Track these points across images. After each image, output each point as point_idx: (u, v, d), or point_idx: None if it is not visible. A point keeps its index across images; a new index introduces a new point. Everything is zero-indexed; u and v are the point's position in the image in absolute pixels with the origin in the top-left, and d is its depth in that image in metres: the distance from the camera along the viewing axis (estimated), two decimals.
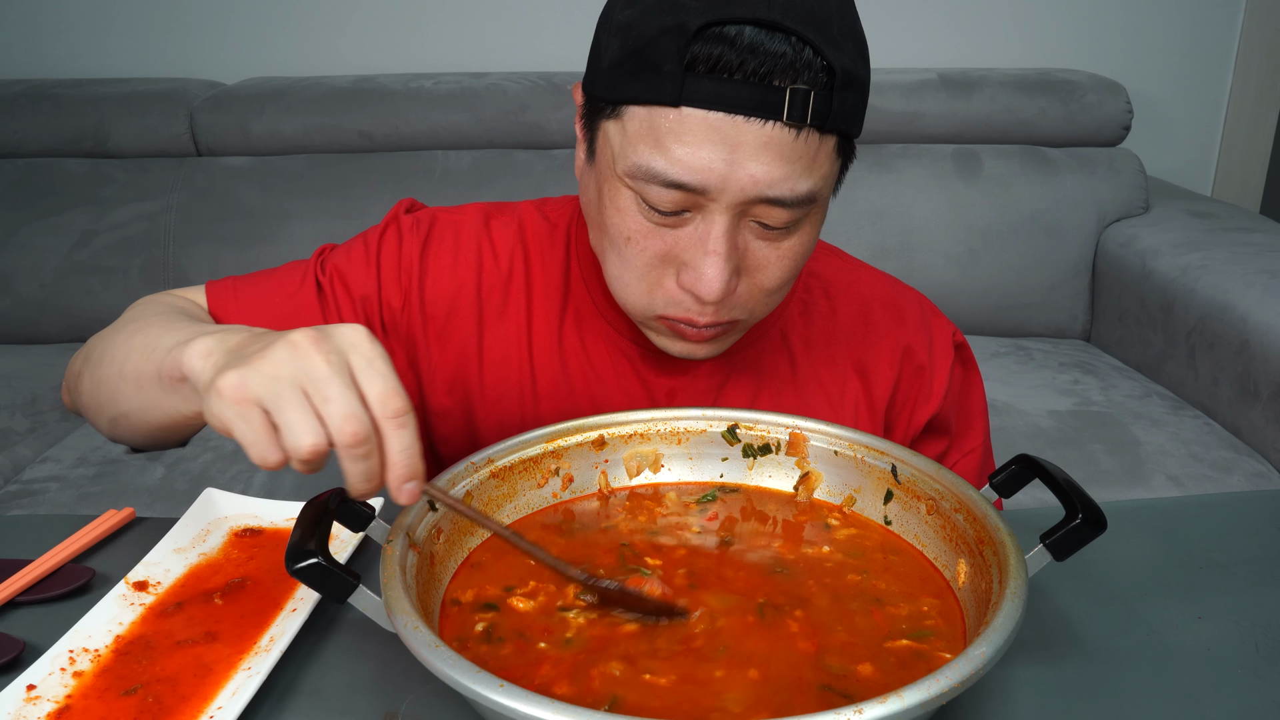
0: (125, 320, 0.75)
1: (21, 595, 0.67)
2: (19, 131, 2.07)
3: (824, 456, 0.70)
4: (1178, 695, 0.57)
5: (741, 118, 0.61)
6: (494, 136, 2.07)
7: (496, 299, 0.83)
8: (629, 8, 0.65)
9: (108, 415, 0.73)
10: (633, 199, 0.67)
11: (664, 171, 0.63)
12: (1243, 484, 1.48)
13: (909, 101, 2.06)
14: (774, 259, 0.69)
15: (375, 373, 0.51)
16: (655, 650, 0.54)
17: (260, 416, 0.50)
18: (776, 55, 0.60)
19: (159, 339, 0.65)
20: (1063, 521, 0.55)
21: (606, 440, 0.71)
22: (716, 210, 0.65)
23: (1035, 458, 0.61)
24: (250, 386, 0.50)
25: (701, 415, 0.72)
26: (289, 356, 0.51)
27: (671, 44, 0.61)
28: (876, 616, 0.57)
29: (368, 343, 0.52)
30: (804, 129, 0.62)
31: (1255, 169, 2.43)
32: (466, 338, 0.82)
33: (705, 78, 0.61)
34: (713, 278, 0.66)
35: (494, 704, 0.43)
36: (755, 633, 0.55)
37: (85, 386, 0.75)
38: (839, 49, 0.62)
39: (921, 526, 0.64)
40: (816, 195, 0.66)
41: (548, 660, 0.53)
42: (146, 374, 0.64)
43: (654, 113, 0.63)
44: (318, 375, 0.50)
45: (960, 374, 0.87)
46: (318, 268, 0.83)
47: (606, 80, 0.66)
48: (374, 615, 0.52)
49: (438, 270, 0.83)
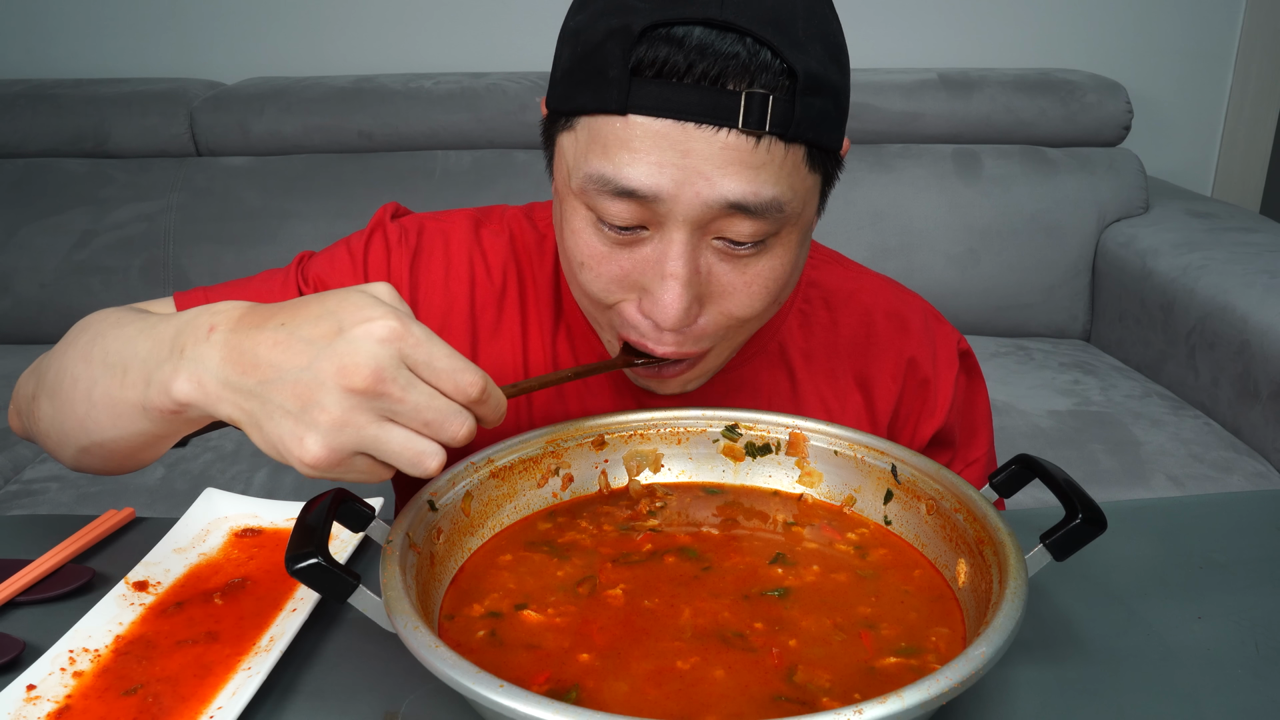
0: (75, 335, 0.66)
1: (21, 595, 0.66)
2: (19, 131, 2.07)
3: (824, 456, 0.70)
4: (1178, 695, 0.57)
5: (692, 125, 0.57)
6: (494, 136, 2.07)
7: (490, 315, 0.80)
8: (580, 13, 0.62)
9: (76, 445, 0.64)
10: (588, 219, 0.63)
11: (613, 178, 0.59)
12: (1243, 484, 1.48)
13: (909, 101, 2.06)
14: (741, 285, 0.63)
15: (440, 370, 0.49)
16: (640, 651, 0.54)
17: (365, 460, 0.49)
18: (728, 56, 0.56)
19: (124, 352, 0.58)
20: (1063, 521, 0.54)
21: (606, 440, 0.71)
22: (673, 227, 0.60)
23: (1035, 458, 0.61)
24: (340, 448, 0.48)
25: (701, 415, 0.72)
26: (358, 403, 0.48)
27: (616, 47, 0.57)
28: (865, 639, 0.56)
29: (410, 337, 0.49)
30: (764, 136, 0.58)
31: (1255, 169, 2.43)
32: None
33: (652, 82, 0.57)
34: (669, 303, 0.61)
35: (494, 704, 0.43)
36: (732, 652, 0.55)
37: (43, 414, 0.66)
38: (803, 50, 0.57)
39: (921, 526, 0.64)
40: (784, 206, 0.60)
41: (549, 661, 0.54)
42: (124, 403, 0.57)
43: (602, 121, 0.59)
44: (403, 409, 0.48)
45: (965, 383, 0.85)
46: (299, 276, 0.78)
47: (560, 90, 0.63)
48: (374, 615, 0.52)
49: (429, 285, 0.79)
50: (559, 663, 0.53)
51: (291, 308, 0.52)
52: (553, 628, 0.56)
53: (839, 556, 0.63)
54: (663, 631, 0.56)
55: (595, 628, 0.56)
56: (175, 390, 0.52)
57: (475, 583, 0.60)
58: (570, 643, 0.55)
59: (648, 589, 0.59)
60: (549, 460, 0.68)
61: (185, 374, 0.52)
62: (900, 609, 0.58)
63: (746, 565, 0.62)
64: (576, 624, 0.56)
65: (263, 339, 0.50)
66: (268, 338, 0.50)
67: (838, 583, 0.61)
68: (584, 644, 0.55)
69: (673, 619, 0.57)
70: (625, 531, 0.66)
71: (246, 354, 0.50)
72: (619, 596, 0.58)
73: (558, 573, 0.61)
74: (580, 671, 0.52)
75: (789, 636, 0.55)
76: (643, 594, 0.59)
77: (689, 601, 0.58)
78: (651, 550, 0.64)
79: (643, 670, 0.52)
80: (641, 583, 0.60)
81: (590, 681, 0.51)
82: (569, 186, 0.64)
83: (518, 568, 0.62)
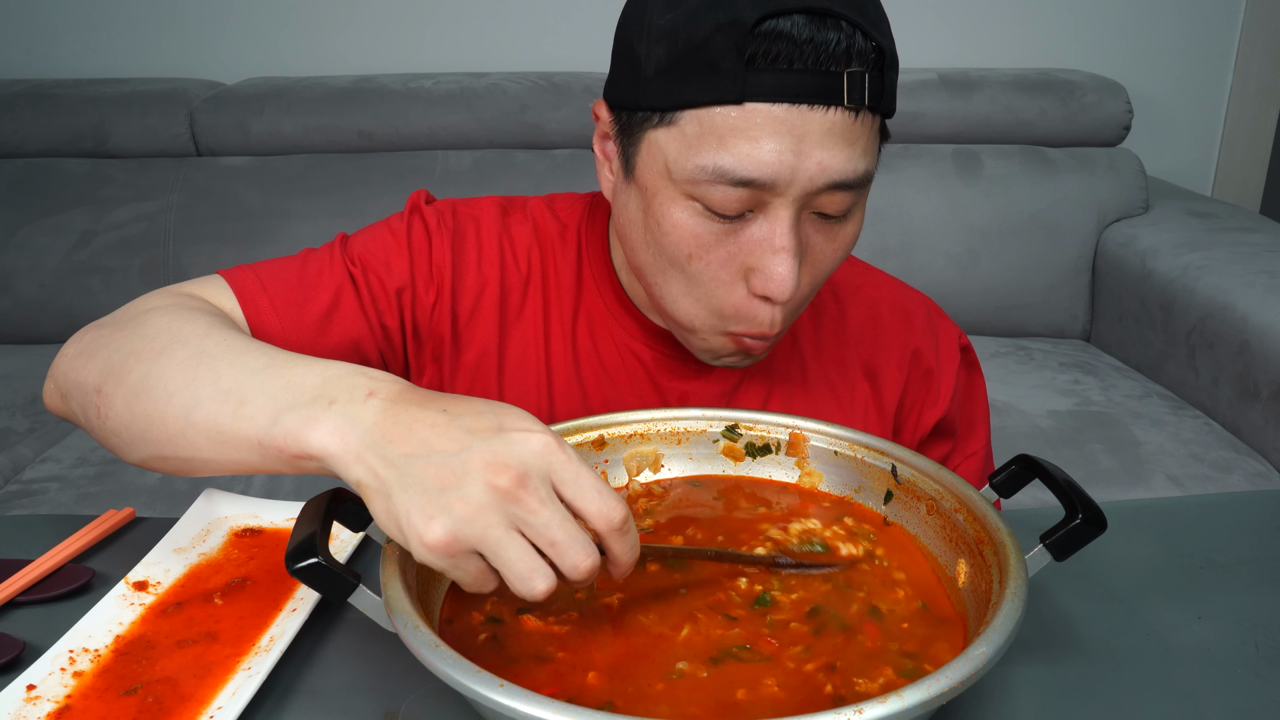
0: (157, 332, 0.63)
1: (21, 595, 0.66)
2: (19, 131, 2.07)
3: (824, 456, 0.70)
4: (1178, 695, 0.57)
5: (805, 106, 0.61)
6: (494, 136, 2.07)
7: (516, 298, 0.82)
8: (670, 11, 0.64)
9: (153, 453, 0.61)
10: (691, 210, 0.66)
11: (732, 169, 0.62)
12: (1243, 484, 1.48)
13: (909, 101, 2.06)
14: (829, 250, 0.69)
15: (586, 489, 0.49)
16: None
17: (478, 562, 0.49)
18: (832, 42, 0.61)
19: (245, 384, 0.56)
20: (1063, 521, 0.54)
21: (607, 440, 0.71)
22: (781, 205, 0.64)
23: (1035, 458, 0.61)
24: (463, 540, 0.48)
25: (701, 415, 0.72)
26: (495, 501, 0.48)
27: (728, 40, 0.61)
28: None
29: (563, 455, 0.49)
30: (861, 111, 0.63)
31: (1255, 169, 2.43)
32: (488, 337, 0.81)
33: (767, 71, 0.61)
34: (784, 275, 0.65)
35: (494, 704, 0.43)
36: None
37: (115, 412, 0.62)
38: (880, 30, 0.63)
39: (921, 526, 0.64)
40: (872, 176, 0.67)
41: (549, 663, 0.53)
42: (234, 433, 0.56)
43: (716, 113, 0.62)
44: (535, 521, 0.48)
45: (965, 377, 0.87)
46: (347, 259, 0.79)
47: (655, 88, 0.65)
48: (374, 615, 0.52)
49: (464, 268, 0.81)
50: (567, 679, 0.52)
51: (455, 399, 0.53)
52: (553, 637, 0.56)
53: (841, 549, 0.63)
54: (667, 645, 0.55)
55: (596, 645, 0.55)
56: (312, 439, 0.52)
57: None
58: (576, 658, 0.54)
59: (643, 598, 0.59)
60: None
61: (330, 426, 0.52)
62: (902, 609, 0.58)
63: (738, 572, 0.61)
64: (580, 632, 0.56)
65: (422, 417, 0.51)
66: (427, 418, 0.51)
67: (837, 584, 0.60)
68: (589, 661, 0.54)
69: (674, 634, 0.56)
70: None
71: (402, 426, 0.50)
72: (614, 606, 0.58)
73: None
74: (589, 688, 0.52)
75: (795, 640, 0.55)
76: (639, 609, 0.58)
77: (686, 614, 0.57)
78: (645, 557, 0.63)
79: (653, 686, 0.52)
80: (638, 590, 0.59)
81: (617, 700, 0.51)
82: (667, 180, 0.66)
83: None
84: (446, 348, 0.81)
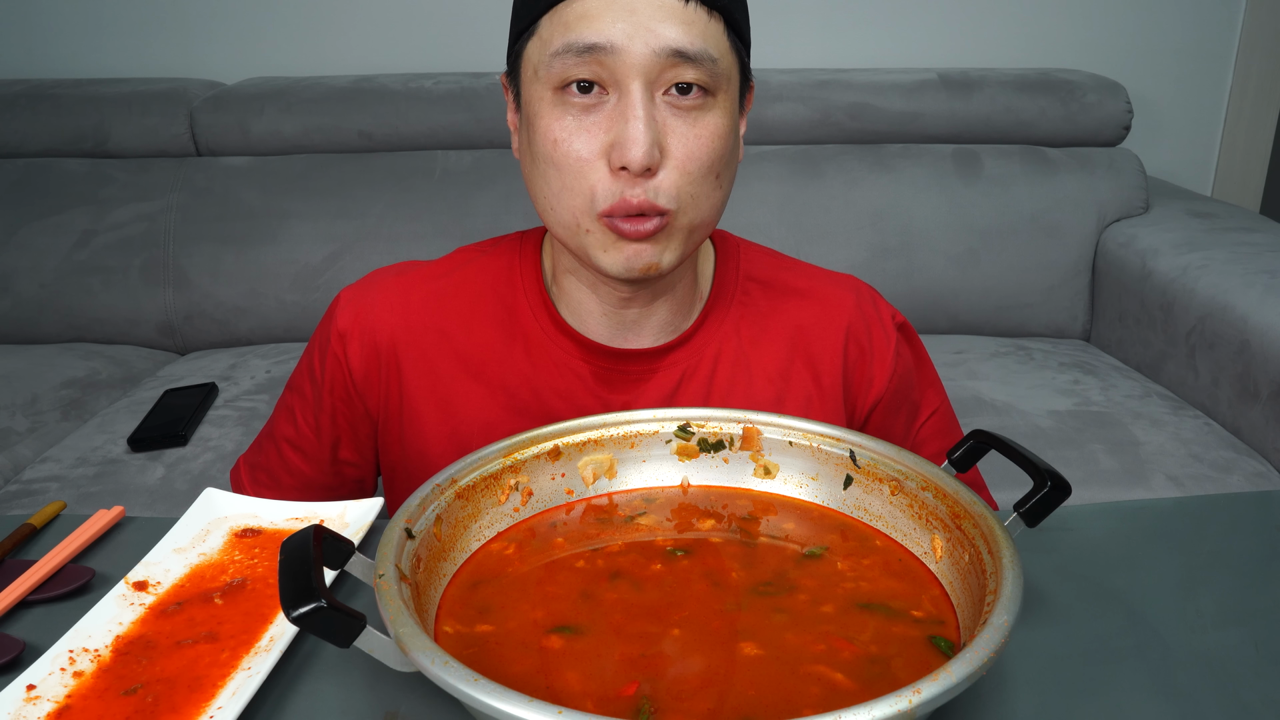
0: None
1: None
2: (19, 131, 2.07)
3: (779, 448, 0.71)
4: (1178, 695, 0.57)
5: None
6: (494, 136, 2.07)
7: (448, 351, 0.85)
8: None
9: None
10: (555, 102, 0.72)
11: (577, 40, 0.69)
12: (1243, 484, 1.48)
13: (909, 101, 2.06)
14: (692, 138, 0.72)
15: None
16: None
17: None
18: None
19: None
20: (1032, 490, 0.57)
21: (562, 450, 0.70)
22: (629, 79, 0.70)
23: (991, 432, 0.63)
24: None
25: (652, 417, 0.72)
26: None
27: None
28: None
29: None
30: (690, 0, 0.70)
31: (1255, 169, 2.43)
32: (425, 400, 0.85)
33: None
34: (635, 138, 0.69)
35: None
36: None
37: None
38: None
39: (885, 508, 0.66)
40: (716, 60, 0.71)
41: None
42: None
43: (560, 9, 0.71)
44: None
45: (908, 351, 0.90)
46: (285, 440, 0.89)
47: (516, 17, 0.74)
48: (381, 656, 0.50)
49: (384, 370, 0.85)
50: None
51: None
52: (545, 651, 0.55)
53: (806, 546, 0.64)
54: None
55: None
56: None
57: (463, 608, 0.59)
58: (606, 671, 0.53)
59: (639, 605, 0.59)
60: (508, 475, 0.68)
61: None
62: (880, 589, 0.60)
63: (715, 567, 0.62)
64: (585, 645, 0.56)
65: None
66: None
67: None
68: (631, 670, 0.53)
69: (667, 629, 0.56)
70: (594, 551, 0.65)
71: None
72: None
73: (539, 603, 0.59)
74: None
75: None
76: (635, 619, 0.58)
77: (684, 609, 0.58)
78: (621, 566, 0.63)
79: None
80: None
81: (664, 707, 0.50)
82: (536, 83, 0.73)
83: (496, 594, 0.60)
84: (393, 424, 0.86)
